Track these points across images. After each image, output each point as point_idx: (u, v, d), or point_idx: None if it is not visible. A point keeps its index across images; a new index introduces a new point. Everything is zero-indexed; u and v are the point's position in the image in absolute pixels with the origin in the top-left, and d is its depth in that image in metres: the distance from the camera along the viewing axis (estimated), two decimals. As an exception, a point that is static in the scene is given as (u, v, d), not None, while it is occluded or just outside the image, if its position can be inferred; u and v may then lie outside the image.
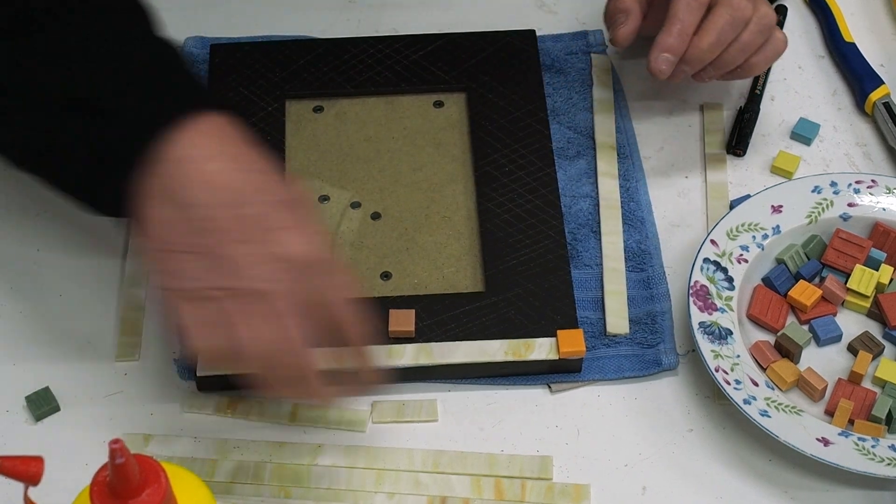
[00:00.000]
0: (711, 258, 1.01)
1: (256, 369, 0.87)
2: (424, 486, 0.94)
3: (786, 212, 1.04)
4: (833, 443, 0.93)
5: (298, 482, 0.94)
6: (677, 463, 0.96)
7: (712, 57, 1.04)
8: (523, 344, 0.98)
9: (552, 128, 1.10)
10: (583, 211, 1.07)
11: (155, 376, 0.99)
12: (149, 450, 0.95)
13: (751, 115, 1.13)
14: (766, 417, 0.93)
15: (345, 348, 0.89)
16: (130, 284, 1.03)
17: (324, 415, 0.97)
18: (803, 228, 1.04)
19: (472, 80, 1.12)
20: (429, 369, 0.98)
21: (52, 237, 1.06)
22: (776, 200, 1.04)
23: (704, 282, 1.00)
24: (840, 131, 1.13)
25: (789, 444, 0.92)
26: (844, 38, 1.17)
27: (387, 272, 1.02)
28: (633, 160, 1.10)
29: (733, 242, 1.02)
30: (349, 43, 1.14)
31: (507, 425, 0.97)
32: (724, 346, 0.97)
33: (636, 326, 1.01)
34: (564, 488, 0.94)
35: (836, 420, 0.95)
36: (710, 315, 0.98)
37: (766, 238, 1.03)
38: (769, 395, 0.95)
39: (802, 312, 1.01)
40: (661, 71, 1.04)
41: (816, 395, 0.97)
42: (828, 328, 1.00)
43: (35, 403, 0.97)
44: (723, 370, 0.95)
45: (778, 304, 1.01)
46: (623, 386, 0.99)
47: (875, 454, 0.92)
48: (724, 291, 1.00)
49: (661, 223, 1.07)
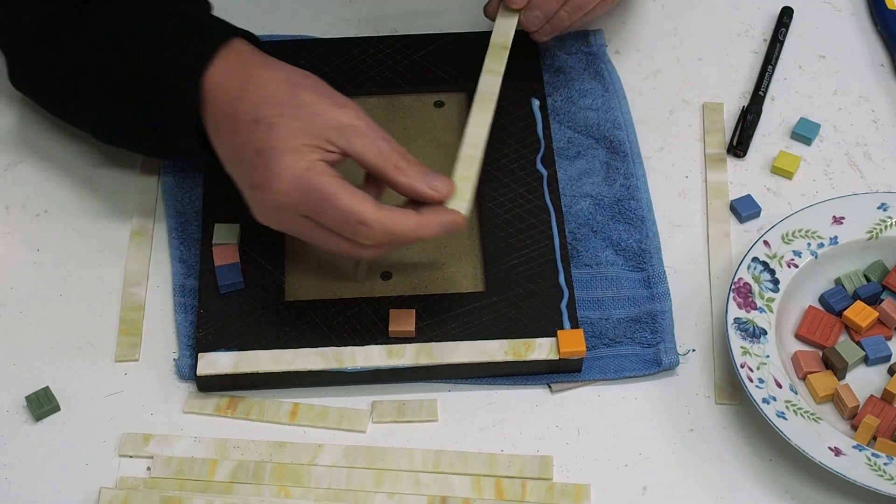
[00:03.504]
0: (761, 258, 1.01)
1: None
2: (424, 486, 0.94)
3: (847, 224, 1.03)
4: (845, 454, 0.92)
5: (298, 482, 0.94)
6: (677, 463, 0.96)
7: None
8: (523, 344, 0.98)
9: (552, 128, 1.10)
10: (583, 211, 1.06)
11: (155, 376, 0.99)
12: (149, 449, 0.95)
13: (753, 116, 1.13)
14: (782, 419, 0.93)
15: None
16: (130, 284, 1.03)
17: (324, 415, 0.97)
18: (862, 243, 1.03)
19: (472, 80, 1.12)
20: (429, 369, 0.98)
21: (52, 237, 1.06)
22: (839, 211, 1.04)
23: (749, 280, 1.00)
24: (841, 131, 1.13)
25: (800, 448, 0.92)
26: (888, 6, 1.18)
27: (387, 272, 1.02)
28: (633, 160, 1.09)
29: (787, 246, 1.02)
30: (349, 43, 1.14)
31: (507, 425, 0.97)
32: (756, 344, 0.97)
33: (636, 326, 1.01)
34: (564, 488, 0.94)
35: (858, 435, 0.95)
36: (748, 313, 0.98)
37: (822, 247, 1.02)
38: (791, 398, 0.95)
39: (857, 333, 1.01)
40: (513, 1, 1.06)
41: (846, 413, 0.97)
42: (878, 347, 1.00)
43: (35, 403, 0.97)
44: (748, 367, 0.95)
45: (829, 322, 1.01)
46: (623, 386, 0.99)
47: (885, 471, 0.92)
48: (768, 292, 1.00)
49: (661, 223, 1.07)
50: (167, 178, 1.08)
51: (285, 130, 0.92)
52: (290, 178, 0.91)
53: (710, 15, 1.20)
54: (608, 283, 1.03)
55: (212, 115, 0.95)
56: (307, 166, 0.91)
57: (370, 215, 0.91)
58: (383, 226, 0.91)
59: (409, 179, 0.94)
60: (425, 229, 0.93)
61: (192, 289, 1.02)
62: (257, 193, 0.93)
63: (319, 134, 0.92)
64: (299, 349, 0.98)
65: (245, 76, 0.94)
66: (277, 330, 0.99)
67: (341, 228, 0.92)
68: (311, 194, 0.91)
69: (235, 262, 1.01)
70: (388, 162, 0.93)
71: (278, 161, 0.91)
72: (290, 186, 0.91)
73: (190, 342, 1.00)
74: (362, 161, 0.93)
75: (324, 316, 0.99)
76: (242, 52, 0.97)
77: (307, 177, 0.91)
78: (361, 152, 0.93)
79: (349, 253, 0.94)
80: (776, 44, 1.17)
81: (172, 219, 1.06)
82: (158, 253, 1.05)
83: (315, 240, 0.94)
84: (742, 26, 1.19)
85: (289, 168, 0.91)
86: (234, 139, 0.94)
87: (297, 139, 0.92)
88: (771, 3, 1.21)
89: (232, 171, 0.96)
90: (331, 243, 0.93)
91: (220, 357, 0.97)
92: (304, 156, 0.91)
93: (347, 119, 0.93)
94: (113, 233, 1.06)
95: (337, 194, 0.91)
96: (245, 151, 0.93)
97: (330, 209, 0.91)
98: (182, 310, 1.01)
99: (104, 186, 1.08)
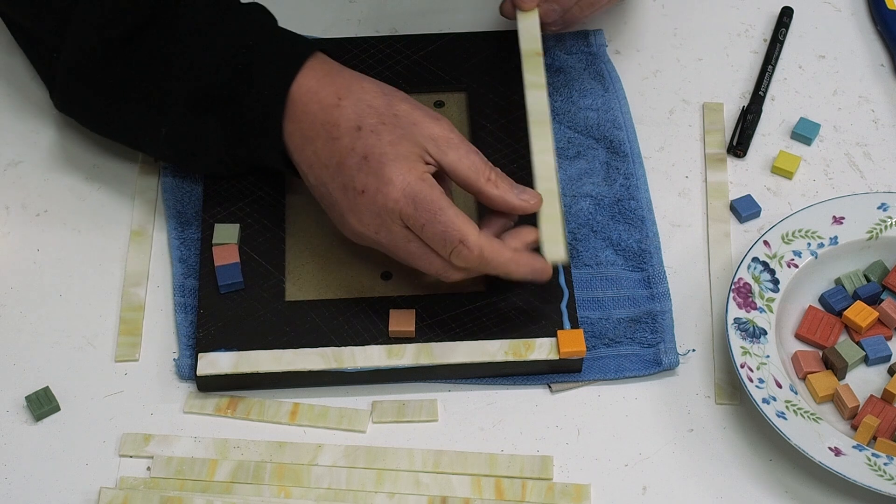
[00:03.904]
0: (761, 258, 1.01)
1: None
2: (425, 486, 0.94)
3: (847, 224, 1.03)
4: (845, 454, 0.92)
5: (298, 482, 0.94)
6: (677, 463, 0.96)
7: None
8: (523, 344, 0.98)
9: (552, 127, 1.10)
10: (583, 211, 1.07)
11: (155, 376, 0.99)
12: (149, 449, 0.95)
13: (753, 116, 1.13)
14: (782, 419, 0.93)
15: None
16: (130, 284, 1.03)
17: (324, 415, 0.97)
18: (862, 243, 1.03)
19: (472, 80, 1.12)
20: (429, 369, 0.98)
21: (52, 237, 1.06)
22: (839, 211, 1.04)
23: (749, 280, 1.00)
24: (841, 131, 1.13)
25: (800, 448, 0.92)
26: (888, 6, 1.18)
27: (387, 272, 1.02)
28: (633, 159, 1.09)
29: (787, 246, 1.02)
30: (349, 43, 1.14)
31: (507, 425, 0.97)
32: (756, 344, 0.97)
33: (636, 326, 1.01)
34: (564, 488, 0.94)
35: (858, 435, 0.95)
36: (748, 313, 0.98)
37: (822, 247, 1.02)
38: (791, 398, 0.95)
39: (857, 333, 1.01)
40: (524, 2, 1.07)
41: (846, 413, 0.97)
42: (878, 347, 1.00)
43: (35, 403, 0.97)
44: (748, 367, 0.95)
45: (829, 322, 1.01)
46: (623, 386, 0.99)
47: (885, 471, 0.92)
48: (768, 292, 1.00)
49: (661, 223, 1.07)
50: (167, 178, 1.08)
51: (390, 136, 0.94)
52: (401, 184, 0.92)
53: (710, 15, 1.20)
54: (608, 283, 1.03)
55: (303, 123, 0.96)
56: (419, 176, 0.93)
57: (472, 237, 0.92)
58: (481, 251, 0.93)
59: (500, 191, 0.96)
60: (517, 266, 0.95)
61: (192, 289, 1.02)
62: (362, 198, 0.94)
63: (419, 143, 0.94)
64: (299, 349, 0.98)
65: (340, 86, 0.96)
66: (277, 330, 0.99)
67: (440, 244, 0.93)
68: (420, 204, 0.92)
69: (235, 262, 1.01)
70: (480, 174, 0.95)
71: (389, 167, 0.92)
72: (401, 194, 0.92)
73: (190, 342, 1.00)
74: (455, 172, 0.95)
75: (324, 316, 0.99)
76: (328, 63, 0.99)
77: (419, 186, 0.92)
78: (455, 164, 0.95)
79: (437, 272, 0.95)
80: (776, 44, 1.17)
81: (172, 219, 1.06)
82: (158, 253, 1.05)
83: (409, 253, 0.95)
84: (742, 26, 1.20)
85: (401, 175, 0.92)
86: (335, 145, 0.95)
87: (403, 146, 0.93)
88: (771, 3, 1.21)
89: (325, 178, 0.96)
90: (424, 259, 0.95)
91: (220, 357, 0.97)
92: (414, 165, 0.93)
93: (441, 131, 0.95)
94: (113, 233, 1.06)
95: (445, 209, 0.92)
96: (349, 157, 0.94)
97: (436, 222, 0.92)
98: (182, 310, 1.02)
99: (104, 186, 1.08)
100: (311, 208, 1.05)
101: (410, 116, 0.95)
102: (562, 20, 1.09)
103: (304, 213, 1.05)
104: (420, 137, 0.94)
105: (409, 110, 0.96)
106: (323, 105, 0.96)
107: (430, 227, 0.92)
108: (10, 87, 1.13)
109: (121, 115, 1.02)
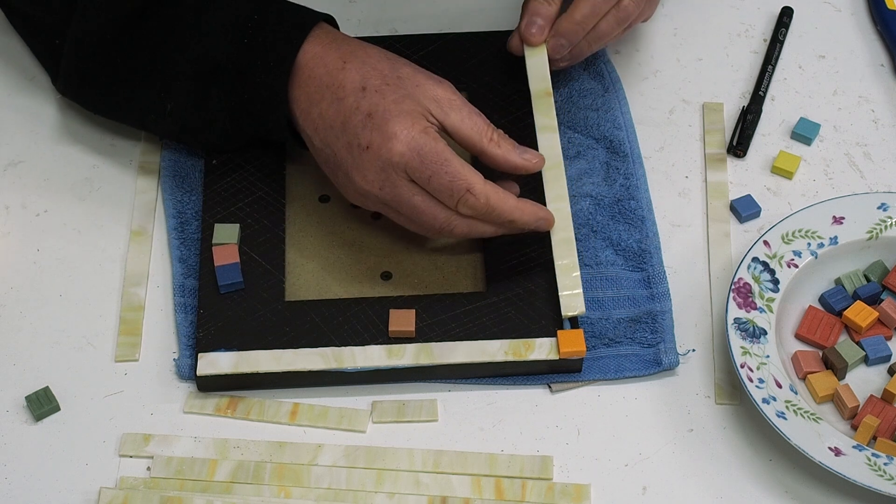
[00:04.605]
0: (761, 258, 1.01)
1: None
2: (425, 486, 0.94)
3: (847, 224, 1.03)
4: (845, 454, 0.92)
5: (298, 482, 0.94)
6: (677, 463, 0.96)
7: (588, 28, 1.06)
8: (523, 344, 0.98)
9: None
10: (583, 211, 1.06)
11: (155, 376, 0.99)
12: (149, 449, 0.95)
13: (753, 116, 1.13)
14: (782, 419, 0.93)
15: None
16: (130, 284, 1.03)
17: (324, 415, 0.97)
18: (862, 243, 1.03)
19: (472, 80, 1.12)
20: (429, 369, 0.98)
21: (52, 237, 1.06)
22: (839, 211, 1.04)
23: (749, 280, 1.00)
24: (841, 131, 1.13)
25: (800, 448, 0.92)
26: (888, 6, 1.18)
27: (387, 272, 1.02)
28: (633, 159, 1.09)
29: (787, 246, 1.02)
30: (349, 43, 1.14)
31: (507, 425, 0.97)
32: (756, 344, 0.97)
33: (636, 326, 1.01)
34: (564, 488, 0.94)
35: (858, 435, 0.95)
36: (748, 313, 0.98)
37: (822, 247, 1.02)
38: (791, 398, 0.95)
39: (857, 333, 1.01)
40: (531, 34, 1.06)
41: (846, 413, 0.97)
42: (878, 347, 1.00)
43: (35, 403, 0.97)
44: (748, 367, 0.95)
45: (829, 322, 1.01)
46: (623, 386, 0.99)
47: (885, 471, 0.92)
48: (768, 292, 1.00)
49: (661, 223, 1.07)
50: (167, 178, 1.08)
51: (394, 95, 0.96)
52: (406, 138, 0.94)
53: (710, 15, 1.20)
54: (608, 283, 1.03)
55: (309, 87, 0.98)
56: (422, 129, 0.95)
57: (479, 185, 0.95)
58: (487, 198, 0.95)
59: (503, 151, 0.98)
60: (521, 213, 0.97)
61: (192, 289, 1.02)
62: (367, 154, 0.95)
63: (422, 104, 0.96)
64: (299, 349, 0.98)
65: (345, 52, 0.98)
66: (277, 330, 0.99)
67: (446, 194, 0.95)
68: (426, 156, 0.94)
69: (235, 262, 1.01)
70: (482, 135, 0.97)
71: (393, 122, 0.94)
72: (406, 147, 0.94)
73: (190, 342, 1.00)
74: (457, 132, 0.97)
75: (324, 316, 0.99)
76: (332, 32, 1.01)
77: (423, 139, 0.94)
78: (457, 124, 0.97)
79: (441, 226, 0.97)
80: (776, 44, 1.17)
81: (172, 219, 1.06)
82: (158, 253, 1.05)
83: (414, 208, 0.96)
84: (742, 26, 1.20)
85: (405, 129, 0.94)
86: (340, 106, 0.96)
87: (406, 104, 0.95)
88: (771, 3, 1.21)
89: (329, 139, 0.97)
90: (428, 213, 0.96)
91: (220, 357, 0.97)
92: (417, 119, 0.95)
93: (444, 93, 0.97)
94: (113, 233, 1.06)
95: (451, 159, 0.94)
96: (354, 115, 0.96)
97: (442, 173, 0.94)
98: (182, 310, 1.02)
99: (104, 186, 1.08)
100: (311, 208, 1.05)
101: (414, 79, 0.97)
102: (570, 55, 1.08)
103: (304, 213, 1.06)
104: (423, 98, 0.96)
105: (412, 73, 0.98)
106: (329, 69, 0.98)
107: (436, 179, 0.94)
108: (11, 88, 1.13)
109: (127, 93, 1.03)
